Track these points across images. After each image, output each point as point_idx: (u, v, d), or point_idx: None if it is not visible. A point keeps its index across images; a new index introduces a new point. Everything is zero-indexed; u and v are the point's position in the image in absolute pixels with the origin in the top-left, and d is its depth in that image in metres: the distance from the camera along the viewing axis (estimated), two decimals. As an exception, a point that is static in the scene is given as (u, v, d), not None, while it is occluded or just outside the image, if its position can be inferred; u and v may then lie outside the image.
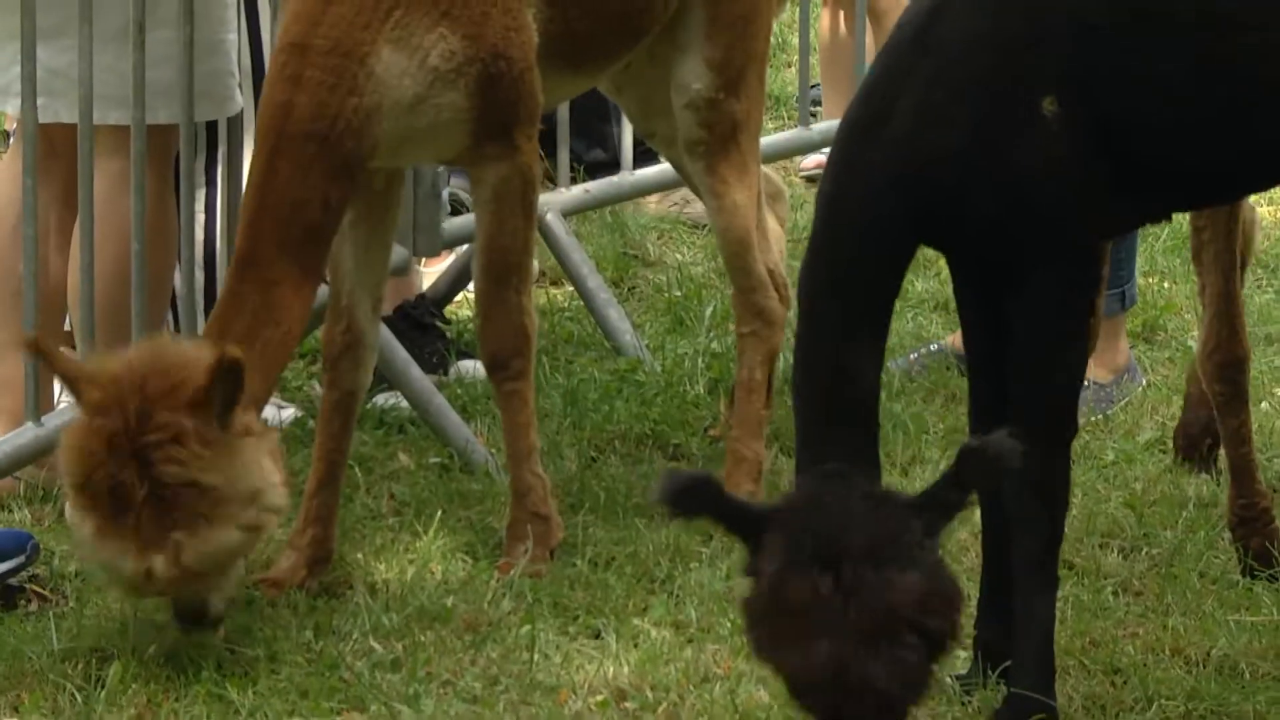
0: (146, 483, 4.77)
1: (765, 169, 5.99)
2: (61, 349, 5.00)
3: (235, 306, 5.01)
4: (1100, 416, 6.27)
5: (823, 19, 8.60)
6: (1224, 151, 4.69)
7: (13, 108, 5.68)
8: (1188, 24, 4.56)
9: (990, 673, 4.75)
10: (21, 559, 5.30)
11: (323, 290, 5.41)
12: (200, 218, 6.03)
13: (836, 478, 4.32)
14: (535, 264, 7.20)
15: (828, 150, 8.18)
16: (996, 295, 4.63)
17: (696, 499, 4.26)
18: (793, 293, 5.46)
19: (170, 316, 5.96)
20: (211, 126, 6.04)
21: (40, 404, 5.40)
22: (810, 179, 8.31)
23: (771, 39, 8.66)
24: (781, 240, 5.98)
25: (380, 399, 6.26)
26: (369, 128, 5.05)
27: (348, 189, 5.10)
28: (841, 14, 8.44)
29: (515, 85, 5.17)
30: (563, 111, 6.66)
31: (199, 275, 5.96)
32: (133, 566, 4.80)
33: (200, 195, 6.04)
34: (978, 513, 4.71)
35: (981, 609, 4.74)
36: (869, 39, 7.43)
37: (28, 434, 5.37)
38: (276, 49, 5.13)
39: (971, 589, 4.57)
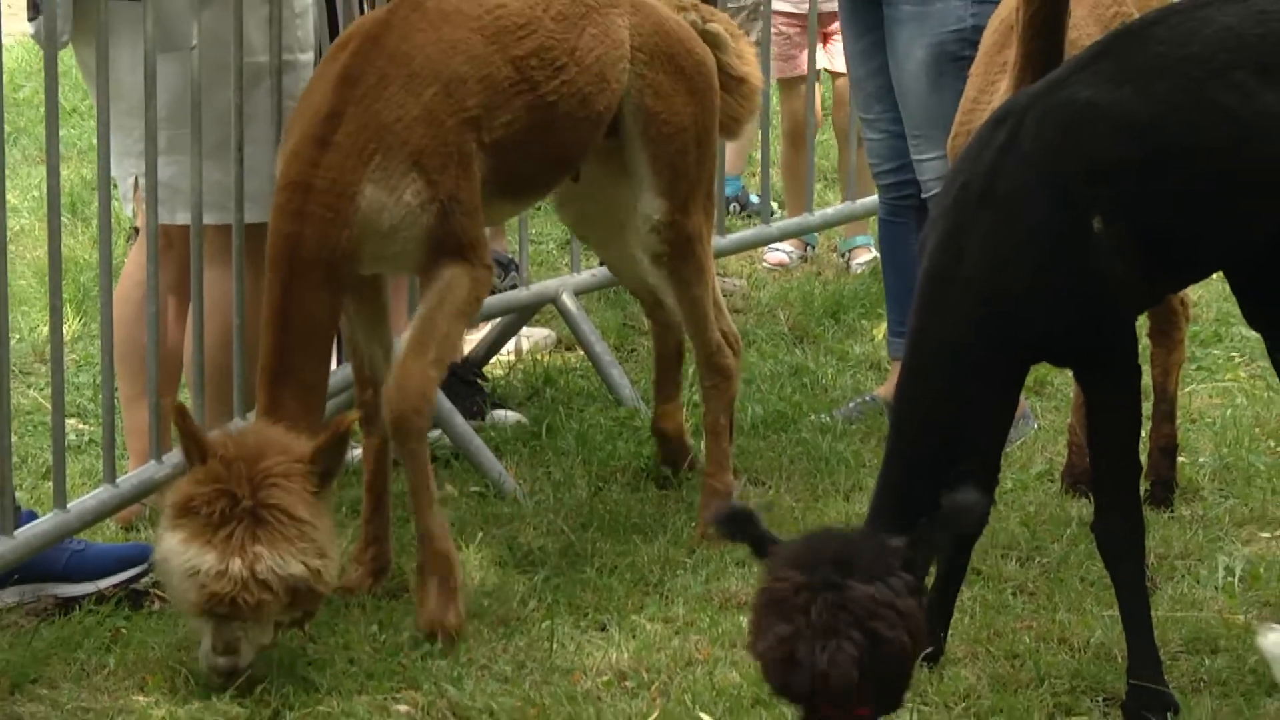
0: (254, 501, 4.71)
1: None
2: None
3: (276, 414, 4.94)
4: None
5: (781, 144, 8.60)
6: (1218, 250, 4.79)
7: (130, 210, 5.70)
8: (1194, 162, 4.62)
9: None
10: (145, 567, 5.29)
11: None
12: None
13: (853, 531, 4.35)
14: (553, 332, 7.24)
15: (784, 245, 8.23)
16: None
17: (737, 524, 4.25)
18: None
19: None
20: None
21: (162, 446, 5.38)
22: (770, 270, 8.29)
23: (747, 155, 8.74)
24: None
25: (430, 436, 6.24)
26: (358, 250, 4.98)
27: (345, 295, 5.08)
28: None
29: (464, 219, 5.06)
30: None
31: None
32: (211, 564, 4.68)
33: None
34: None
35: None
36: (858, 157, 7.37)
37: (151, 469, 5.34)
38: (279, 186, 5.02)
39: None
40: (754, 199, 8.61)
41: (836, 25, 7.45)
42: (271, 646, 4.85)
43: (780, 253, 8.33)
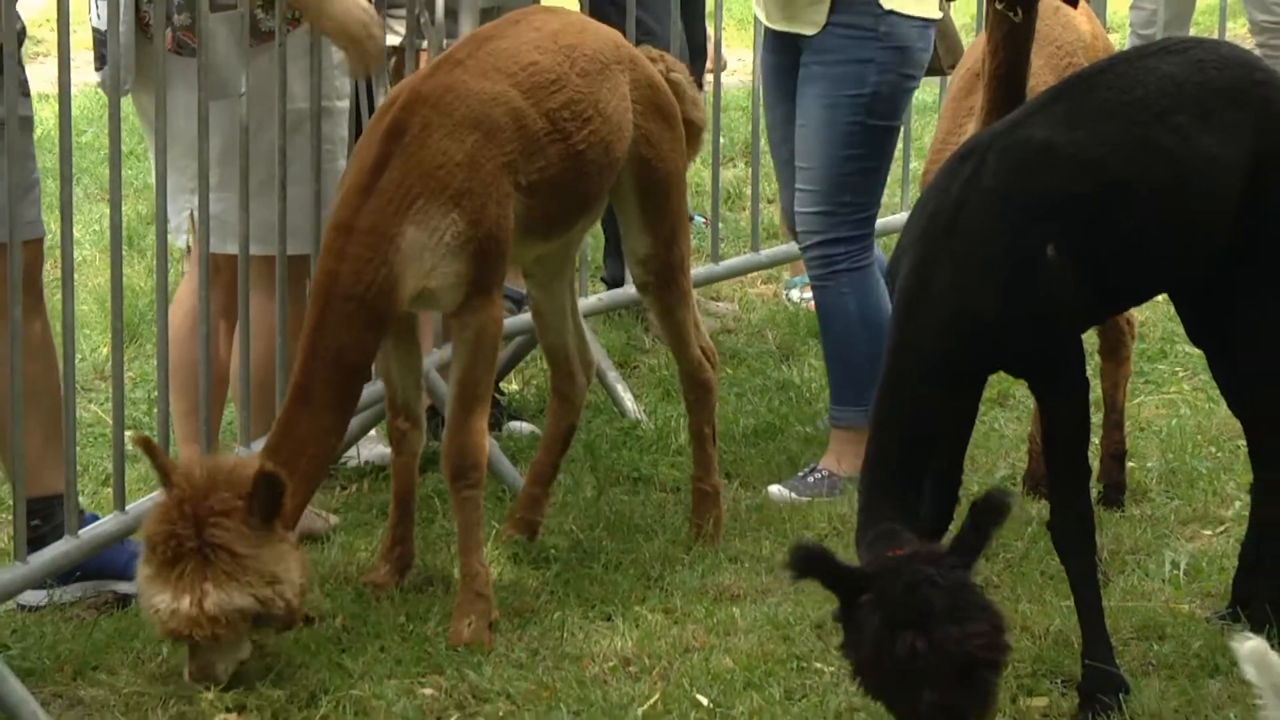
0: (198, 541, 4.68)
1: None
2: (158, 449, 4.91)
3: (288, 431, 4.90)
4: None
5: None
6: (1160, 276, 4.80)
7: (182, 241, 5.70)
8: (1137, 196, 4.63)
9: None
10: None
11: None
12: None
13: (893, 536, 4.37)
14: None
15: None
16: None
17: (811, 562, 4.26)
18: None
19: None
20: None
21: (211, 451, 5.34)
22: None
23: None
24: None
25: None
26: (396, 289, 4.93)
27: (380, 336, 5.01)
28: None
29: (499, 258, 5.04)
30: (583, 246, 6.62)
31: None
32: (167, 603, 4.67)
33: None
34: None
35: None
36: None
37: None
38: (328, 227, 5.00)
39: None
40: (698, 219, 8.50)
41: None
42: (253, 657, 4.83)
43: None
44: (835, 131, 5.89)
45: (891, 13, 5.84)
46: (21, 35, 4.88)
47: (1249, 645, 3.61)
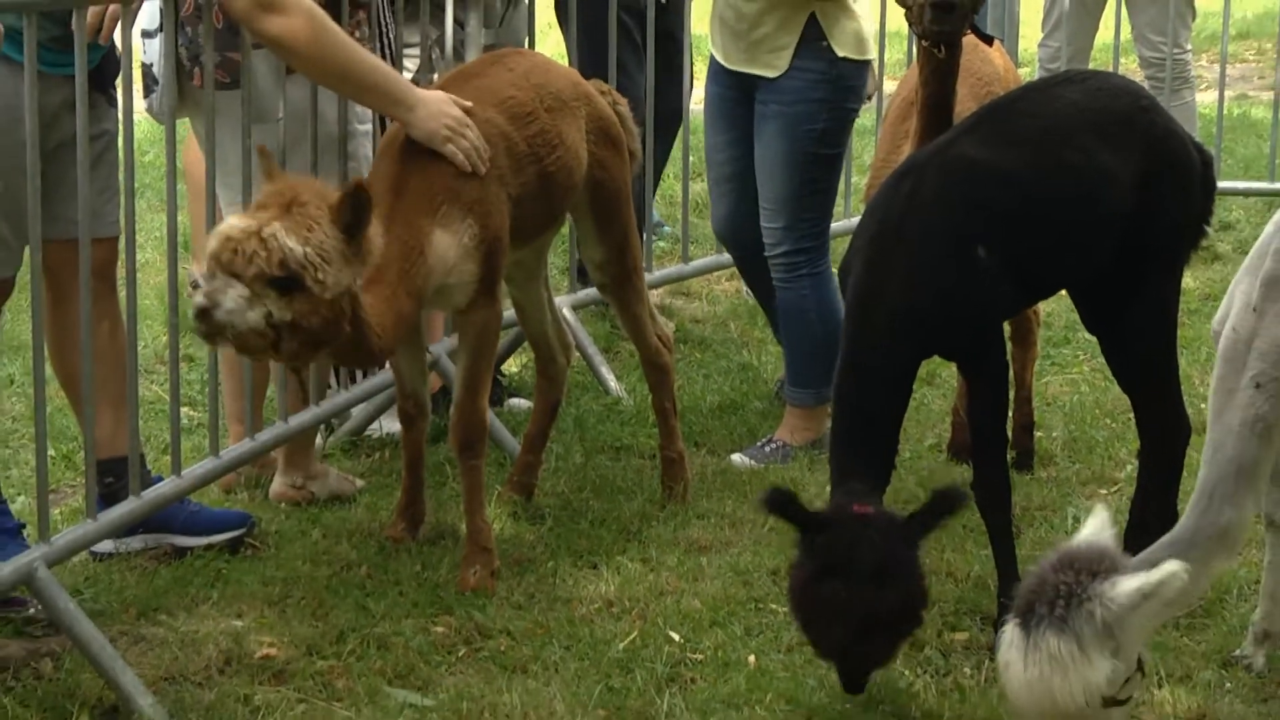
0: (289, 200, 4.42)
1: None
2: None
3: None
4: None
5: None
6: (1066, 274, 4.81)
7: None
8: (1051, 205, 4.63)
9: None
10: (244, 530, 5.30)
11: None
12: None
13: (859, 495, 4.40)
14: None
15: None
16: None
17: (781, 502, 4.30)
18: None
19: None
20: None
21: (255, 425, 5.35)
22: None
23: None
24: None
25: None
26: (427, 281, 4.84)
27: (416, 309, 4.86)
28: None
29: (501, 258, 5.01)
30: (573, 247, 6.62)
31: None
32: (236, 223, 4.37)
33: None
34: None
35: None
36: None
37: (246, 445, 5.32)
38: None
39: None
40: (666, 228, 8.45)
41: None
42: (250, 329, 4.39)
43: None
44: (793, 160, 5.89)
45: (844, 59, 5.84)
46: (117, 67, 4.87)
47: (1007, 635, 3.77)
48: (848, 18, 5.85)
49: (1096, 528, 3.97)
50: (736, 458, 6.03)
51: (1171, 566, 3.82)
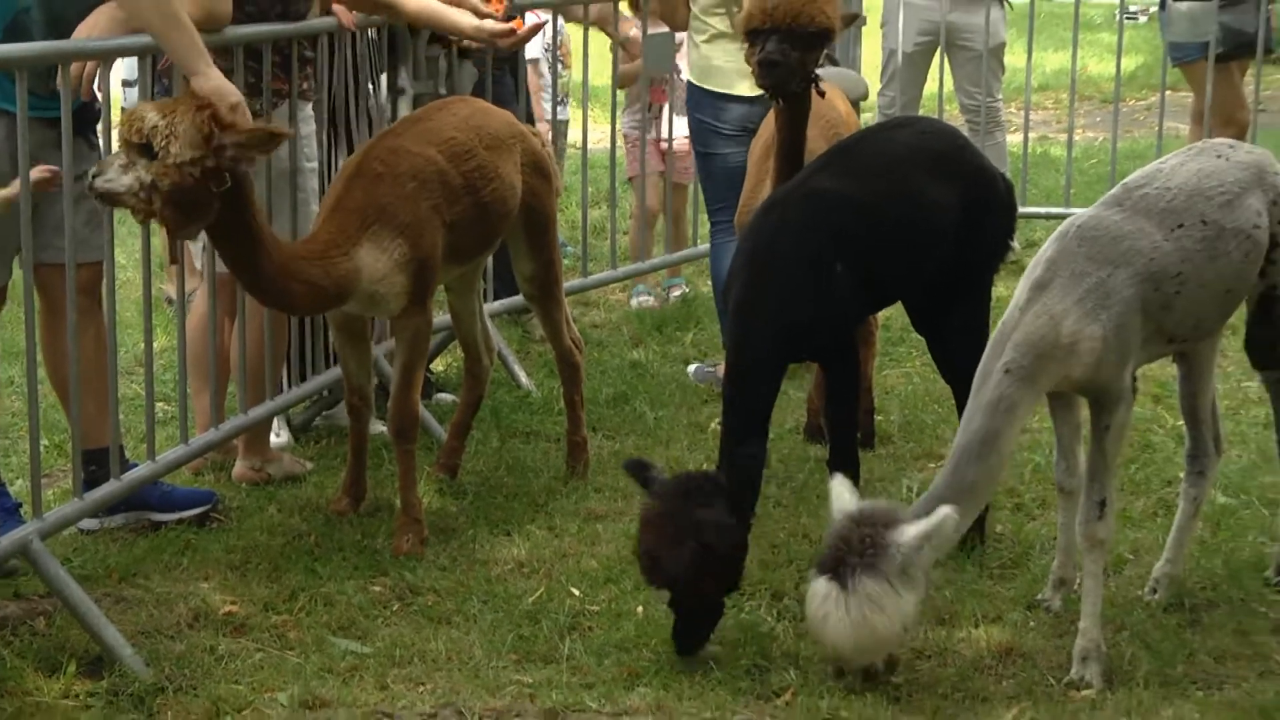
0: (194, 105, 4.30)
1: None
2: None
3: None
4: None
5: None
6: (902, 286, 4.83)
7: (200, 264, 5.58)
8: (893, 228, 4.65)
9: None
10: (210, 506, 5.23)
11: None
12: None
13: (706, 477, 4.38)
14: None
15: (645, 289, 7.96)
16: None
17: (639, 469, 4.33)
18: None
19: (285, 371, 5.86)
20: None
21: (219, 419, 5.29)
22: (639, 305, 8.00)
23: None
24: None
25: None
26: (351, 277, 4.79)
27: (335, 291, 4.78)
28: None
29: (431, 274, 4.96)
30: (489, 264, 6.57)
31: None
32: (145, 108, 4.27)
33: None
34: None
35: None
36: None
37: (211, 435, 5.25)
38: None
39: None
40: (569, 248, 8.41)
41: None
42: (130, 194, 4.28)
43: (646, 296, 8.08)
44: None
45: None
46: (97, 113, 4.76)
47: (819, 586, 3.84)
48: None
49: (846, 495, 4.07)
50: (692, 368, 6.53)
51: (945, 510, 3.96)
